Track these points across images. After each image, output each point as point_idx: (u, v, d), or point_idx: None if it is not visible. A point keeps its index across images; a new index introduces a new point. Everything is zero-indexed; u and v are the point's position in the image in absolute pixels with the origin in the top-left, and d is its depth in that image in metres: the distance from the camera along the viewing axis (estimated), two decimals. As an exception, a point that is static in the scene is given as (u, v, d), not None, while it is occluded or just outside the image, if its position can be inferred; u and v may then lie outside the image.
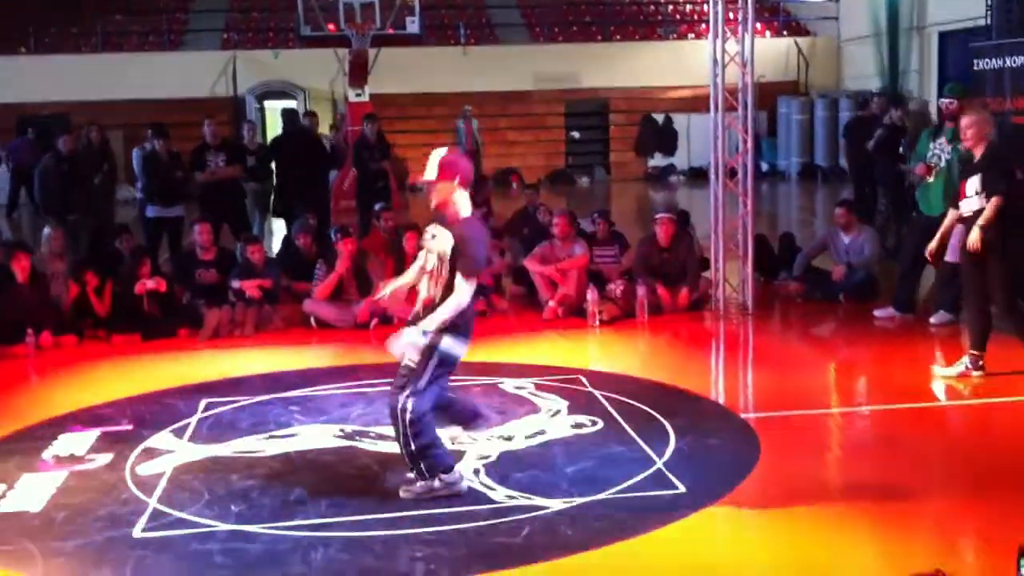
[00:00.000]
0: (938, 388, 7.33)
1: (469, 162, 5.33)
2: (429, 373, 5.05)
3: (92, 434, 6.32)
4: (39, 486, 5.49)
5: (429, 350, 5.02)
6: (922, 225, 8.91)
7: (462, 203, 5.15)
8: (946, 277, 8.87)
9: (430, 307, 5.09)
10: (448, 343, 5.06)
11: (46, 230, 9.75)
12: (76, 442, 6.17)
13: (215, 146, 11.55)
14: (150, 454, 5.95)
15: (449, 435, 5.52)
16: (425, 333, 4.97)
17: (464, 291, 5.00)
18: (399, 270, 7.39)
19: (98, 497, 5.34)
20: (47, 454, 6.00)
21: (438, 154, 5.17)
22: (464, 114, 20.96)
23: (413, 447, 5.07)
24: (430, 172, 5.11)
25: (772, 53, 23.30)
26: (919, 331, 8.68)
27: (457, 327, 5.07)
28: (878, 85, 21.16)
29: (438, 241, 5.12)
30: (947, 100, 8.84)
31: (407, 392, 5.02)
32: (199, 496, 5.27)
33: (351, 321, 9.11)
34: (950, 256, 8.58)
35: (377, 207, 10.57)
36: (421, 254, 5.32)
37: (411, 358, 5.06)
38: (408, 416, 5.01)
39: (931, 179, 8.67)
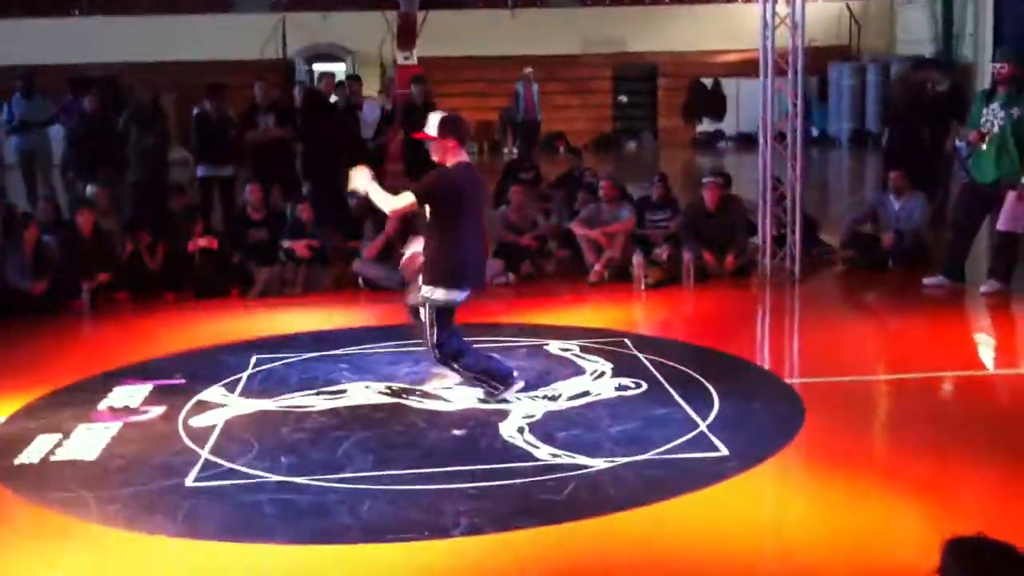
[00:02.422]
0: (986, 356, 7.28)
1: (467, 122, 5.80)
2: (435, 326, 5.83)
3: (146, 387, 6.47)
4: (94, 436, 5.64)
5: (426, 306, 5.84)
6: (974, 191, 8.83)
7: (455, 157, 5.85)
8: (998, 245, 8.78)
9: (425, 258, 5.90)
10: (441, 295, 5.80)
11: (89, 188, 9.92)
12: (130, 394, 6.33)
13: (265, 107, 11.63)
14: (202, 407, 6.08)
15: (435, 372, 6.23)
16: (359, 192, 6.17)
17: (398, 200, 5.90)
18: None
19: (151, 447, 5.48)
20: (102, 405, 6.15)
21: (438, 114, 5.91)
22: (524, 77, 20.75)
23: (473, 374, 5.97)
24: (430, 129, 5.83)
25: (823, 16, 22.88)
26: (969, 299, 8.60)
27: (447, 278, 5.80)
28: (932, 50, 20.80)
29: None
30: (999, 64, 8.67)
31: (433, 346, 5.88)
32: (249, 448, 5.39)
33: (399, 281, 9.16)
34: (1002, 224, 8.50)
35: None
36: None
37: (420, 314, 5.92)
38: (445, 359, 5.91)
39: (984, 146, 8.54)
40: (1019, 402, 6.36)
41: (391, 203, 5.97)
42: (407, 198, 5.88)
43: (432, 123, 5.84)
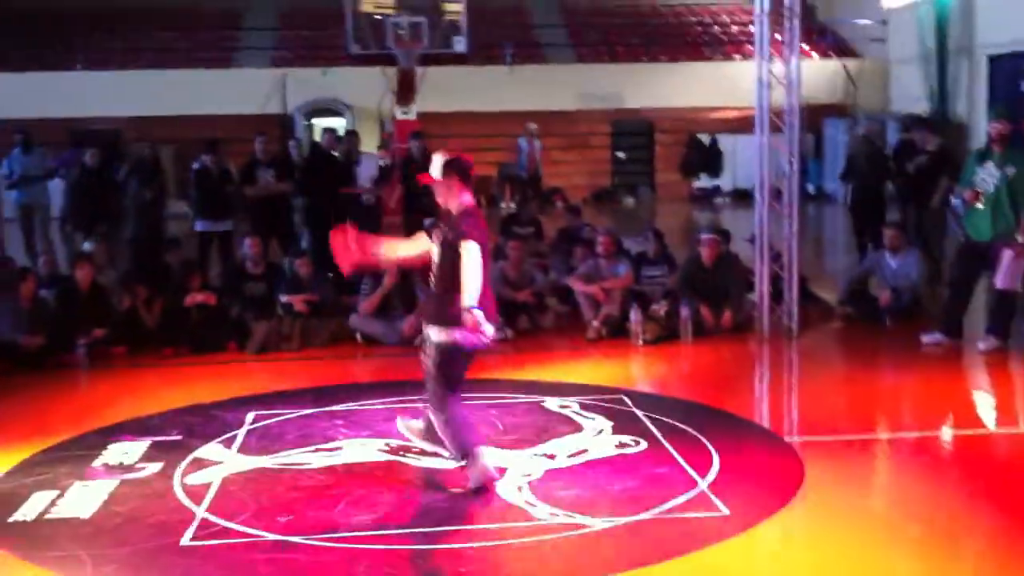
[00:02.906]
0: (985, 414, 7.26)
1: (469, 160, 5.81)
2: (449, 369, 5.55)
3: (142, 443, 6.43)
4: (90, 494, 5.60)
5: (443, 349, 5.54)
6: (970, 250, 8.86)
7: (465, 197, 5.71)
8: (995, 303, 8.80)
9: (438, 301, 5.58)
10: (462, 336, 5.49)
11: (85, 244, 9.94)
12: (127, 451, 6.29)
13: (265, 162, 11.72)
14: (199, 464, 6.05)
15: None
16: (473, 308, 5.30)
17: (472, 253, 5.38)
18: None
19: (147, 506, 5.43)
20: (98, 462, 6.11)
21: (441, 156, 5.78)
22: (528, 132, 20.85)
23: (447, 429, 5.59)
24: (435, 171, 5.72)
25: (819, 74, 23.17)
26: (967, 357, 8.60)
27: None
28: (926, 108, 20.99)
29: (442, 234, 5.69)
30: (995, 123, 8.74)
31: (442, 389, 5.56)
32: (246, 506, 5.35)
33: (397, 336, 9.18)
34: (999, 283, 8.52)
35: (427, 223, 10.64)
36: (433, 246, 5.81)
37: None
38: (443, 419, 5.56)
39: (980, 205, 8.58)
40: (1019, 460, 6.32)
41: (470, 259, 5.42)
42: (466, 248, 5.45)
43: (436, 165, 5.79)
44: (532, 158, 20.64)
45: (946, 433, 6.77)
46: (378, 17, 18.28)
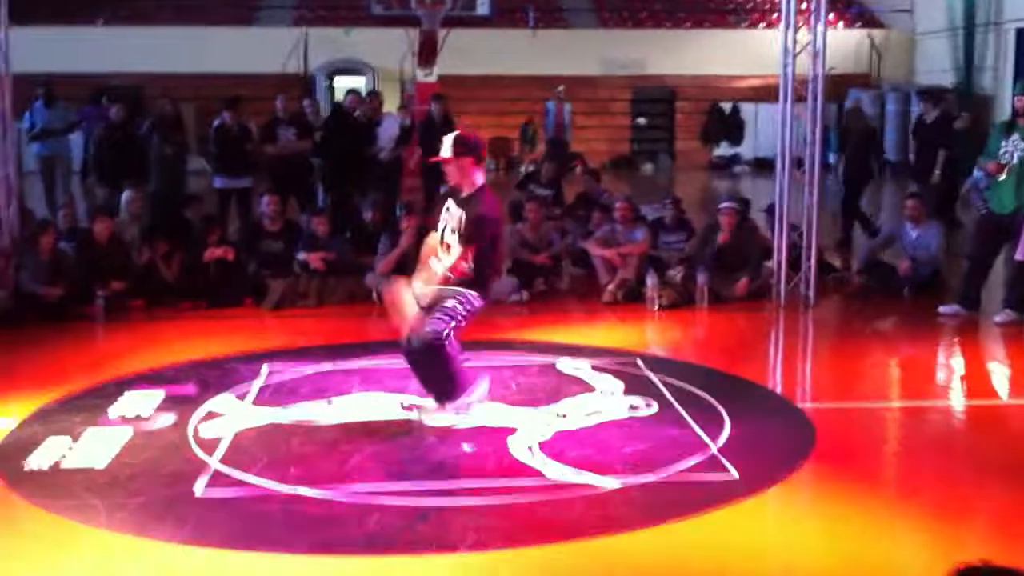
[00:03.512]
0: (999, 385, 7.25)
1: (480, 138, 5.83)
2: (453, 322, 5.68)
3: (157, 394, 6.47)
4: (104, 443, 5.65)
5: (457, 299, 5.68)
6: (991, 222, 8.81)
7: (478, 176, 5.73)
8: (1013, 275, 8.75)
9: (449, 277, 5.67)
10: (477, 298, 5.71)
11: (126, 193, 9.99)
12: (141, 401, 6.33)
13: (286, 120, 11.73)
14: (213, 416, 6.09)
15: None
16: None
17: (457, 255, 5.57)
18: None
19: (161, 456, 5.49)
20: (113, 412, 6.15)
21: (452, 135, 5.73)
22: (556, 95, 20.71)
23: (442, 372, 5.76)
24: (445, 151, 5.66)
25: (844, 44, 22.94)
26: (983, 329, 8.57)
27: (481, 287, 5.70)
28: (952, 80, 20.79)
29: (452, 215, 5.71)
30: (1021, 96, 8.65)
31: (434, 334, 5.64)
32: (259, 458, 5.39)
33: (412, 296, 9.19)
34: (1019, 254, 8.47)
35: (443, 190, 10.62)
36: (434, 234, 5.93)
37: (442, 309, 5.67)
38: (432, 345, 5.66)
39: (1003, 176, 8.52)
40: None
41: (453, 259, 5.68)
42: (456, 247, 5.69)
43: (446, 145, 5.73)
44: (560, 121, 20.51)
45: (958, 403, 6.76)
46: (402, -23, 18.19)
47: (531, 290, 9.51)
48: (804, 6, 9.53)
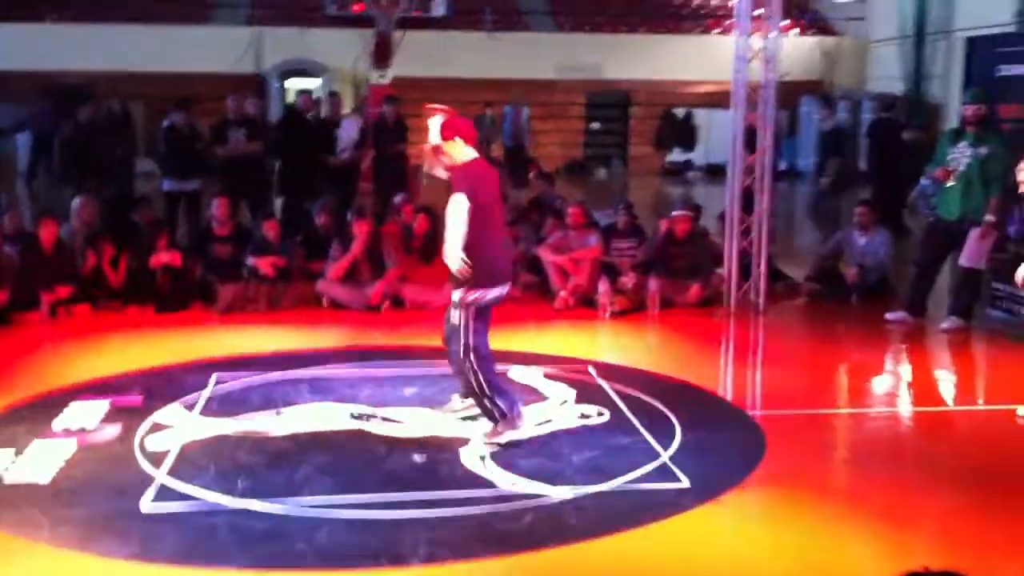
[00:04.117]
0: (945, 392, 7.33)
1: (465, 119, 5.81)
2: (471, 328, 5.66)
3: (102, 405, 6.34)
4: (48, 455, 5.53)
5: (463, 309, 5.66)
6: (939, 229, 8.91)
7: (464, 156, 5.73)
8: (959, 282, 8.87)
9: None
10: (479, 295, 5.64)
11: (76, 199, 9.80)
12: (86, 412, 6.19)
13: (237, 121, 11.59)
14: (159, 427, 5.99)
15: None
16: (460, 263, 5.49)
17: (457, 205, 5.44)
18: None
19: (106, 468, 5.39)
20: (57, 424, 6.01)
21: (437, 120, 5.76)
22: (515, 97, 20.55)
23: (488, 393, 5.69)
24: (433, 137, 5.72)
25: (797, 51, 23.13)
26: (930, 335, 8.67)
27: (483, 276, 5.60)
28: (902, 88, 21.04)
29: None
30: (971, 105, 8.76)
31: (466, 349, 5.66)
32: (206, 471, 5.31)
33: (363, 303, 9.15)
34: (964, 260, 8.59)
35: (398, 199, 10.58)
36: None
37: (451, 318, 5.71)
38: (474, 364, 5.64)
39: (951, 183, 8.63)
40: (976, 437, 6.39)
41: (453, 210, 5.52)
42: (459, 214, 5.50)
43: (432, 131, 5.74)
44: (517, 127, 20.39)
45: (906, 410, 6.83)
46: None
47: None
48: (759, 12, 9.58)
